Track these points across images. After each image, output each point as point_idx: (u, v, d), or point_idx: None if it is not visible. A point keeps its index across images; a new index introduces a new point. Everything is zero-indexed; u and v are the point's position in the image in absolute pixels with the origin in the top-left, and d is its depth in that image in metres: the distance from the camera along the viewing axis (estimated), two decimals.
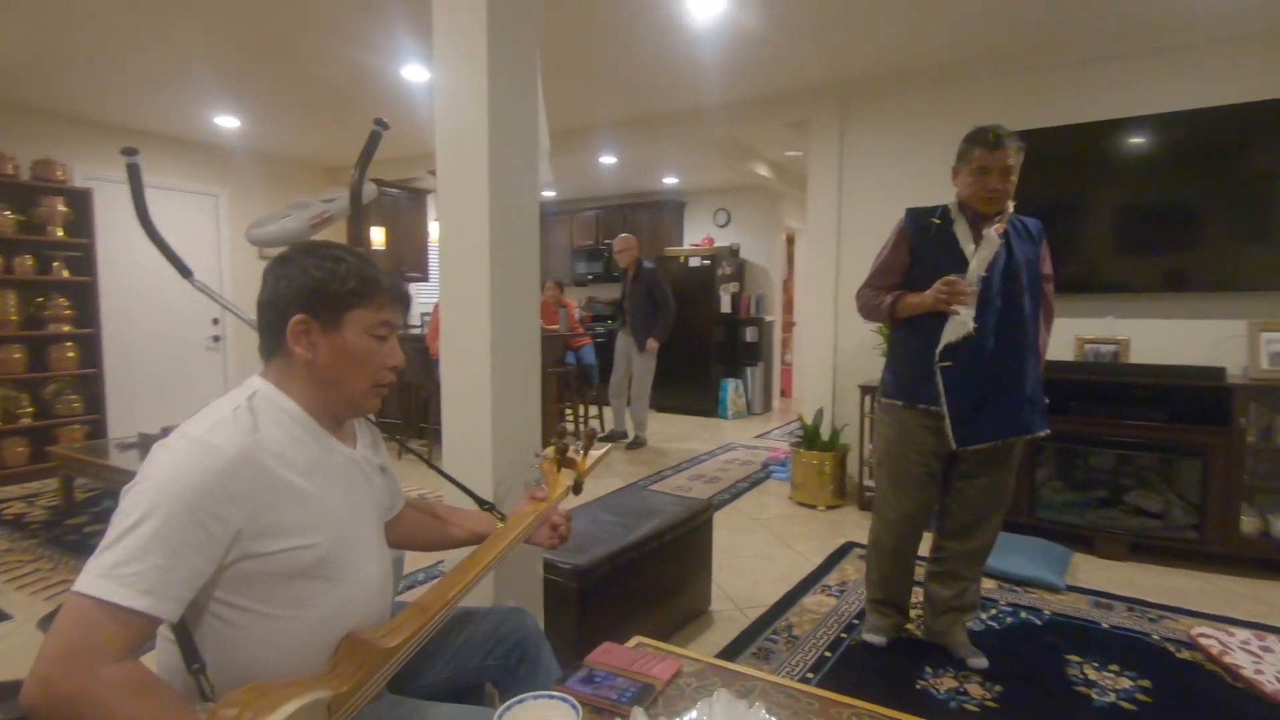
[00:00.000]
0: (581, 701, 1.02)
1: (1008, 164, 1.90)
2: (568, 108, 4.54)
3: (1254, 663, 2.08)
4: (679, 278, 6.94)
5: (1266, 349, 2.96)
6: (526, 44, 1.71)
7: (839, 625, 2.42)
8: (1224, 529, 2.90)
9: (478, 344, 1.63)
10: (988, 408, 1.96)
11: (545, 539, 1.41)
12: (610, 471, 4.65)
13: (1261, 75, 3.02)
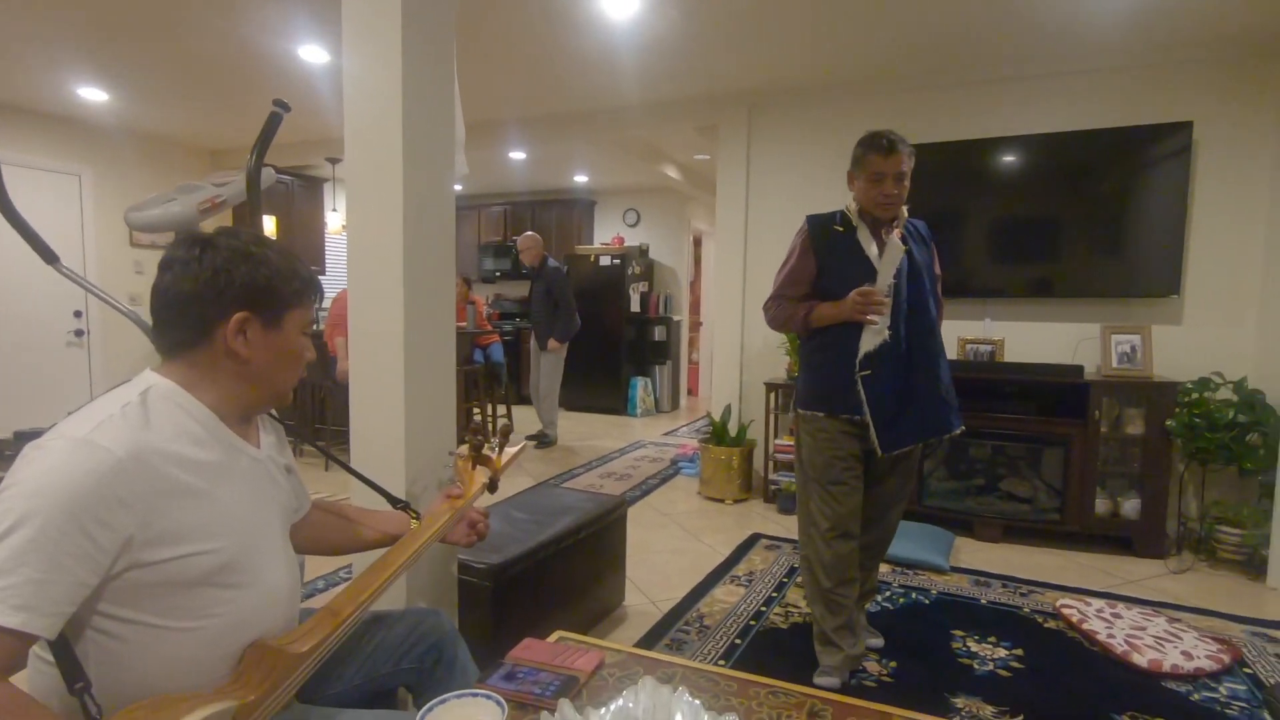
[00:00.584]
0: (505, 698, 1.01)
1: (901, 169, 1.92)
2: (477, 101, 4.45)
3: (1106, 628, 2.34)
4: (589, 276, 6.95)
5: (1116, 349, 3.32)
6: (442, 30, 1.67)
7: (748, 613, 2.51)
8: (1081, 511, 3.23)
9: (390, 339, 1.57)
10: (908, 412, 1.98)
11: (463, 537, 1.39)
12: (520, 471, 4.59)
13: (1115, 104, 3.39)
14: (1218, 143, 3.25)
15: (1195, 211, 3.31)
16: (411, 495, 1.58)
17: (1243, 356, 3.24)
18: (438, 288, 1.68)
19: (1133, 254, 3.38)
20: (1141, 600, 2.66)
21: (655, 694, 0.98)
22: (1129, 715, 1.90)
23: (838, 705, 1.05)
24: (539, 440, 5.35)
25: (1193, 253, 3.32)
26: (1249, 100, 3.18)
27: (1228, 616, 2.55)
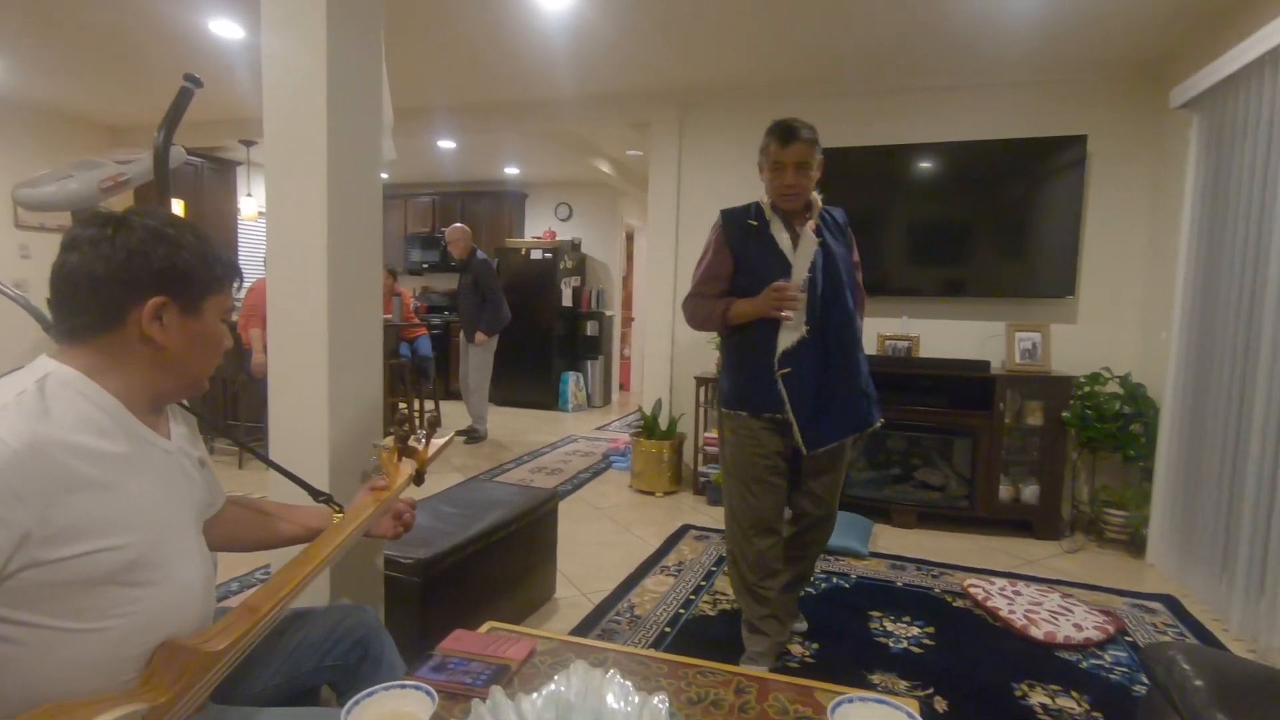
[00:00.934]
0: (435, 689, 1.01)
1: (801, 159, 1.86)
2: (405, 86, 4.31)
3: (1008, 604, 2.51)
4: (520, 270, 6.87)
5: (1019, 346, 3.56)
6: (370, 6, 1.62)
7: (677, 602, 2.56)
8: (987, 497, 3.44)
9: (313, 330, 1.52)
10: (829, 408, 1.95)
11: (389, 529, 1.36)
12: (449, 466, 4.50)
13: (1020, 116, 3.62)
14: (1108, 155, 3.52)
15: (1088, 219, 3.57)
16: (335, 489, 1.54)
17: (1128, 353, 3.52)
18: (363, 275, 1.63)
19: (1034, 257, 3.62)
20: (1038, 579, 2.86)
21: (587, 677, 0.99)
22: (1026, 683, 2.05)
23: (763, 682, 1.10)
24: (469, 436, 5.26)
25: (1086, 257, 3.59)
26: (1135, 116, 3.45)
27: (1112, 591, 2.78)
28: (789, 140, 1.86)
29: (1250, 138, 2.51)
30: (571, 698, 0.97)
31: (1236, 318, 2.55)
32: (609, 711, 0.95)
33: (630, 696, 0.95)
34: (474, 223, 7.20)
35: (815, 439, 1.95)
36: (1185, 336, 2.94)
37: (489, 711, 0.93)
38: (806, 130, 1.88)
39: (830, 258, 1.95)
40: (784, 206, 1.95)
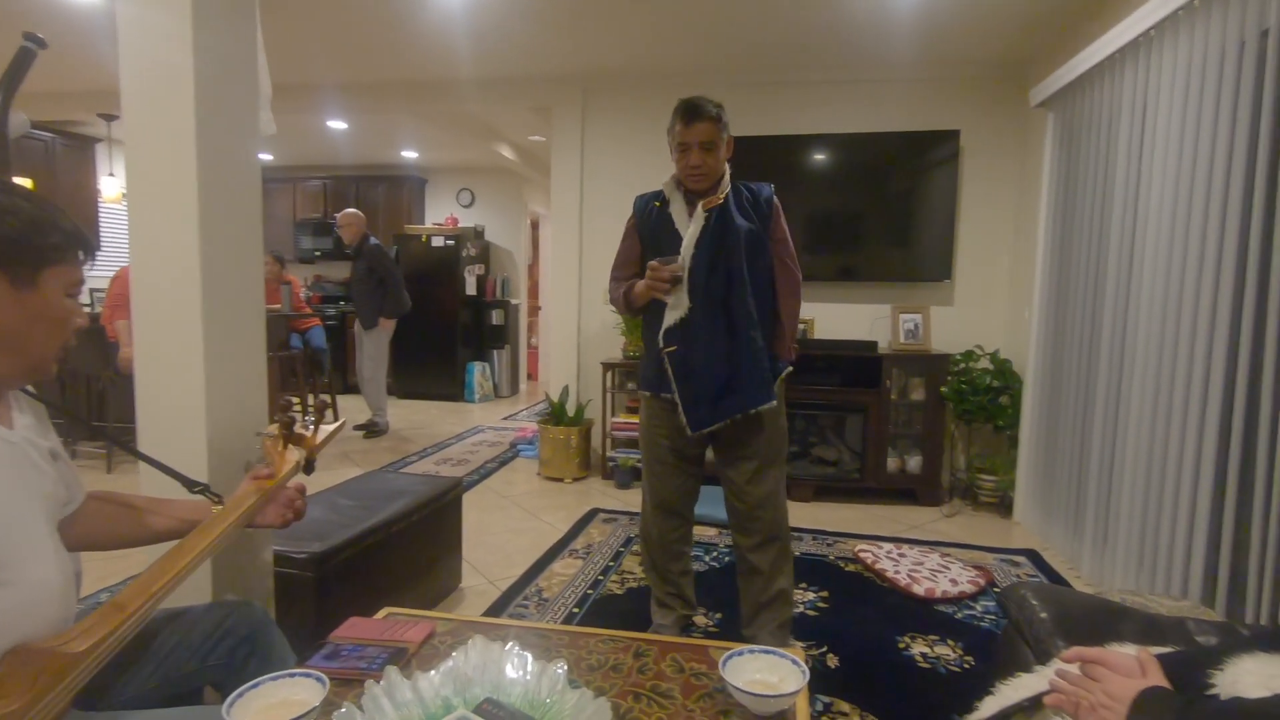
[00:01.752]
0: (329, 675, 0.98)
1: (706, 138, 1.84)
2: (289, 61, 4.06)
3: (894, 566, 2.69)
4: (421, 257, 6.65)
5: (902, 327, 3.80)
6: None
7: (585, 583, 2.58)
8: (876, 469, 3.67)
9: (186, 316, 1.42)
10: (714, 388, 1.91)
11: (276, 518, 1.30)
12: (348, 462, 4.32)
13: (904, 111, 3.84)
14: (979, 149, 3.80)
15: (962, 208, 3.86)
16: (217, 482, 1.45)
17: (998, 331, 3.84)
18: (242, 256, 1.54)
19: (916, 244, 3.87)
20: (921, 541, 3.08)
21: (485, 651, 0.99)
22: (909, 635, 2.22)
23: (661, 644, 1.14)
24: (368, 429, 5.06)
25: (961, 243, 3.87)
26: (1002, 113, 3.75)
27: (984, 549, 3.04)
28: (693, 119, 1.84)
29: (1095, 133, 2.79)
30: (470, 672, 0.97)
31: (1084, 297, 2.84)
32: (508, 682, 0.96)
33: (528, 666, 0.97)
34: (370, 208, 6.91)
35: (697, 419, 1.92)
36: (1044, 315, 3.24)
37: (383, 692, 0.92)
38: (712, 108, 1.85)
39: (726, 235, 1.89)
40: (690, 187, 1.93)
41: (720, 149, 1.89)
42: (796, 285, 2.01)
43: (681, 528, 2.10)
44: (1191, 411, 2.11)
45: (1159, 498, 2.26)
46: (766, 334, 1.96)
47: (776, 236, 1.98)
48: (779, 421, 2.00)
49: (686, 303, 1.91)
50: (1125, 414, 2.46)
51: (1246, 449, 1.93)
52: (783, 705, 0.94)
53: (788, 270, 1.99)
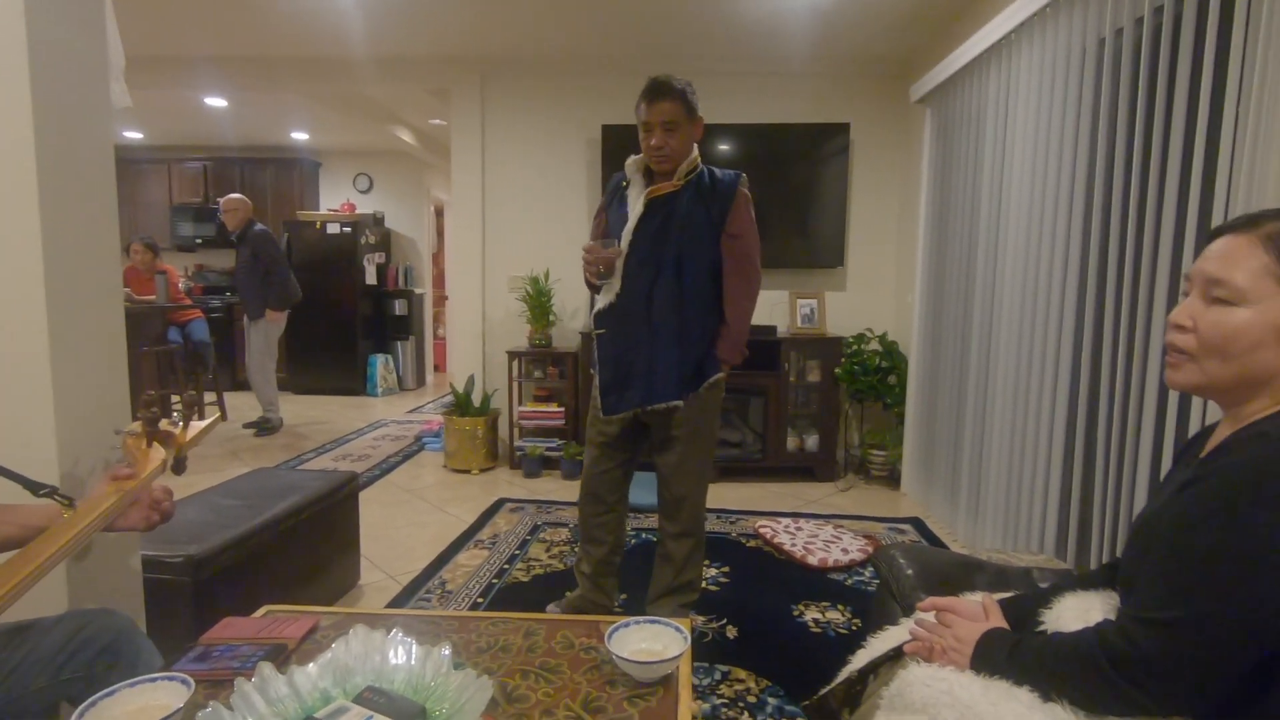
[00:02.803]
0: (198, 678, 0.93)
1: (669, 118, 1.79)
2: (152, 29, 3.75)
3: (791, 539, 2.82)
4: (315, 245, 6.32)
5: (800, 312, 3.96)
6: None
7: (491, 573, 2.56)
8: (777, 448, 3.82)
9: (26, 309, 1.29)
10: (634, 375, 1.91)
11: (139, 520, 1.22)
12: (238, 461, 4.08)
13: (802, 104, 3.98)
14: (867, 141, 4.00)
15: (853, 198, 4.05)
16: (69, 484, 1.34)
17: (887, 314, 4.07)
18: (95, 242, 1.42)
19: (812, 232, 4.04)
20: (817, 515, 3.24)
21: (367, 640, 0.97)
22: (803, 603, 2.33)
23: (550, 623, 1.15)
24: (259, 427, 4.78)
25: (852, 231, 4.07)
26: (888, 108, 3.95)
27: (874, 519, 3.23)
28: (656, 98, 1.78)
29: (967, 129, 3.00)
30: (350, 662, 0.95)
31: (959, 282, 3.05)
32: (390, 668, 0.95)
33: (412, 651, 0.96)
34: (258, 193, 6.50)
35: (611, 404, 1.95)
36: (924, 299, 3.46)
37: (255, 689, 0.88)
38: (678, 86, 1.80)
39: (669, 227, 1.86)
40: (653, 168, 1.88)
41: (684, 130, 1.83)
42: (749, 284, 1.95)
43: (603, 514, 2.10)
44: (1045, 387, 2.32)
45: (1020, 465, 2.47)
46: (703, 331, 1.92)
47: (732, 230, 1.90)
48: (701, 423, 1.96)
49: (617, 288, 1.90)
50: (992, 390, 2.68)
51: (1090, 421, 2.14)
52: (665, 670, 0.98)
53: (740, 269, 1.92)
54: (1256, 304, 0.77)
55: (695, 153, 1.91)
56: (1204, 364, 0.81)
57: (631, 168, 1.95)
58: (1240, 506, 0.70)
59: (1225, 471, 0.73)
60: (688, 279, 1.88)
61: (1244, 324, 0.77)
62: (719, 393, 1.99)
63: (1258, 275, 0.77)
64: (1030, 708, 0.81)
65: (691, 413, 1.93)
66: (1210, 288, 0.81)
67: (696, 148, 1.92)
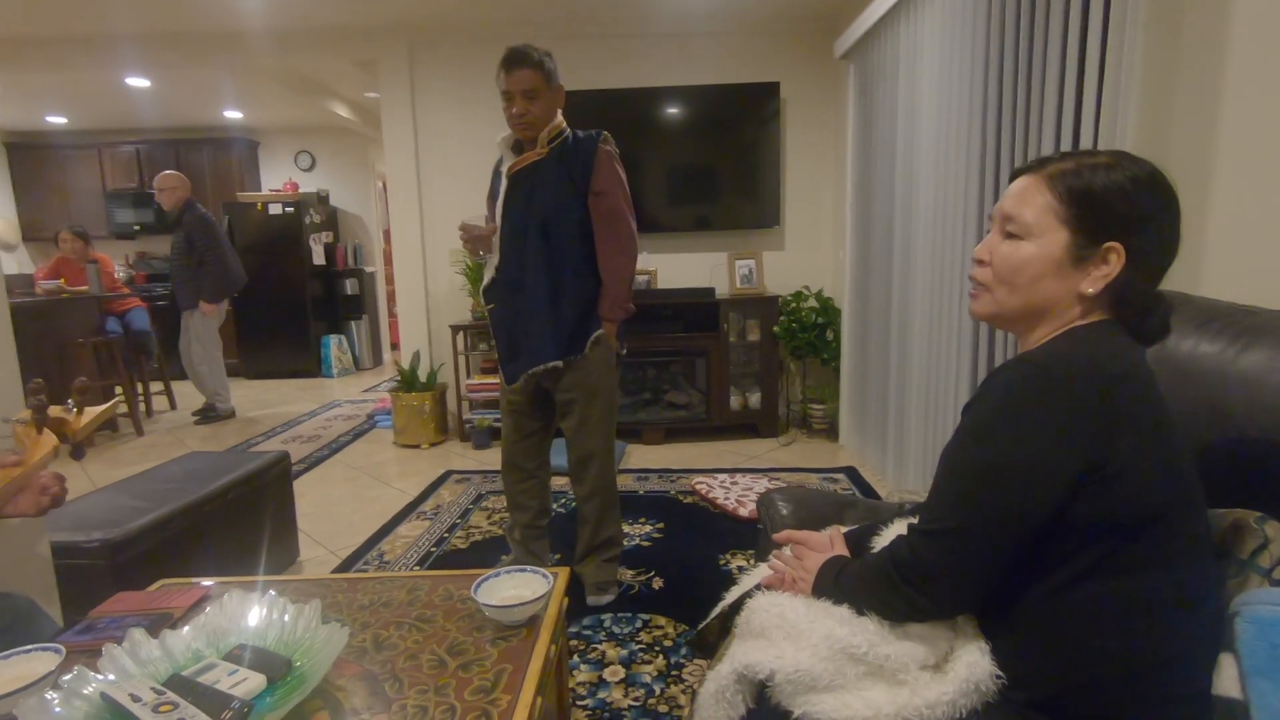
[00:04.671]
0: (79, 649, 0.98)
1: (528, 86, 1.83)
2: (68, 9, 3.61)
3: (725, 494, 2.92)
4: (258, 227, 6.20)
5: (738, 273, 4.02)
6: None
7: (430, 542, 2.62)
8: (720, 407, 3.91)
9: None
10: (523, 343, 1.98)
11: (30, 506, 1.24)
12: (182, 449, 4.05)
13: (731, 64, 3.98)
14: (798, 99, 4.02)
15: (787, 157, 4.08)
16: None
17: (824, 271, 4.14)
18: None
19: (748, 193, 4.07)
20: (755, 469, 3.35)
21: (241, 602, 1.02)
22: (730, 553, 2.43)
23: (434, 579, 1.21)
24: (205, 415, 4.74)
25: (788, 190, 4.11)
26: (816, 65, 3.96)
27: (810, 470, 3.34)
28: (514, 66, 1.82)
29: (884, 83, 3.03)
30: (225, 623, 1.00)
31: (881, 236, 3.12)
32: (263, 627, 1.00)
33: (284, 609, 1.01)
34: (196, 175, 6.32)
35: (509, 372, 2.03)
36: (853, 253, 3.53)
37: (125, 652, 0.93)
38: (535, 55, 1.83)
39: (533, 197, 1.91)
40: (518, 135, 1.91)
41: (544, 97, 1.86)
42: (621, 239, 1.96)
43: (524, 481, 2.17)
44: (953, 330, 2.41)
45: (936, 408, 2.58)
46: (580, 292, 1.95)
47: (597, 188, 1.91)
48: (595, 381, 2.01)
49: (497, 261, 1.97)
50: (909, 337, 2.77)
51: (990, 358, 2.24)
52: (526, 613, 1.04)
53: (609, 224, 1.94)
54: (1040, 238, 0.83)
55: (559, 119, 1.94)
56: (995, 293, 0.88)
57: (501, 144, 1.99)
58: (990, 424, 0.78)
59: (985, 394, 0.80)
60: (554, 242, 1.92)
61: (1028, 256, 0.83)
62: (606, 350, 2.02)
63: (1042, 211, 0.83)
64: (841, 622, 0.89)
65: (580, 373, 1.99)
66: (1005, 224, 0.87)
67: (561, 115, 1.95)
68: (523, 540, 2.22)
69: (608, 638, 1.92)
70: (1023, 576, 0.79)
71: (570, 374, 1.99)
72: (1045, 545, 0.77)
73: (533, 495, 2.19)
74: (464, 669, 0.94)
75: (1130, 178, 0.79)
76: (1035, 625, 0.80)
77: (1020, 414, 0.76)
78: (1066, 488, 0.74)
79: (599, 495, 2.11)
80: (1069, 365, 0.76)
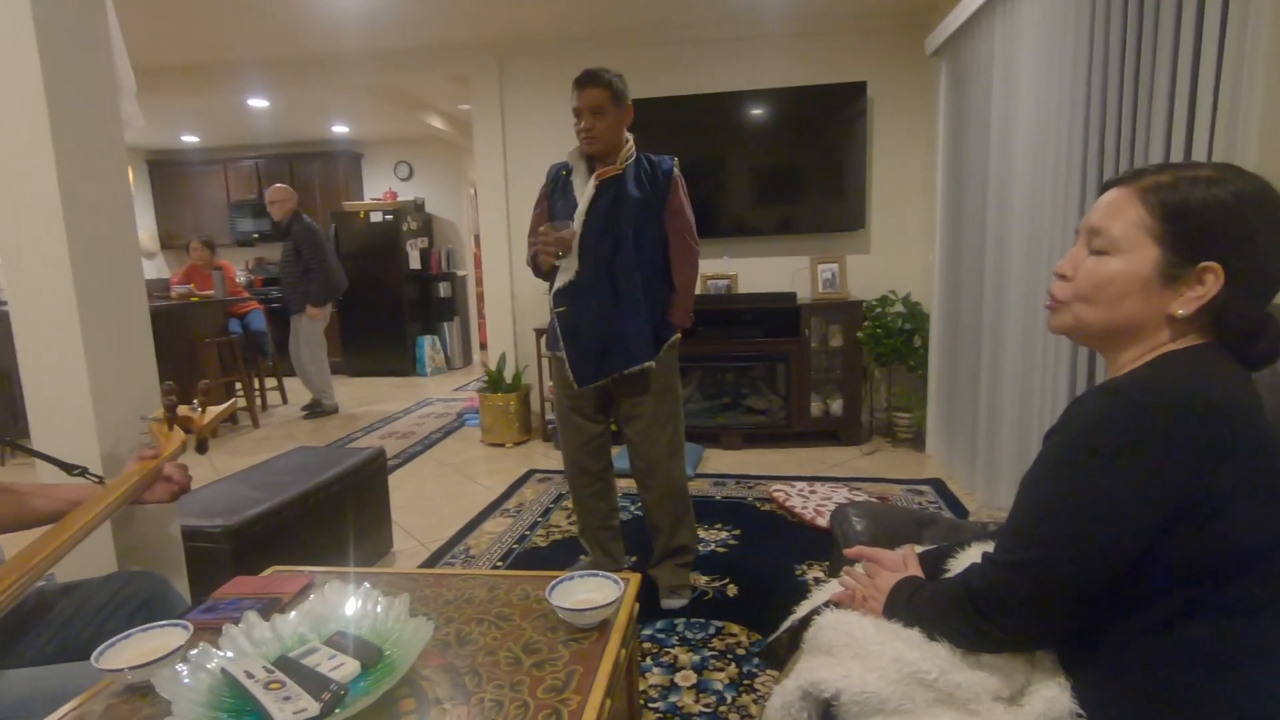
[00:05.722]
0: (202, 627, 1.09)
1: (594, 104, 1.92)
2: (201, 40, 3.99)
3: (803, 502, 2.88)
4: (361, 234, 6.60)
5: (821, 277, 3.94)
6: None
7: (512, 538, 2.73)
8: (800, 414, 3.85)
9: (59, 315, 1.48)
10: (597, 347, 2.03)
11: (164, 494, 1.40)
12: (294, 441, 4.38)
13: (813, 65, 3.91)
14: (886, 99, 3.91)
15: (874, 158, 3.97)
16: (111, 469, 1.53)
17: (912, 275, 4.00)
18: (115, 248, 1.59)
19: (832, 195, 3.99)
20: (836, 478, 3.28)
21: (340, 593, 1.11)
22: (807, 563, 2.40)
23: (511, 579, 1.27)
24: (312, 410, 5.10)
25: (874, 193, 4.00)
26: (906, 63, 3.84)
27: (892, 481, 3.24)
28: (585, 85, 1.93)
29: (980, 79, 2.90)
30: (325, 611, 1.09)
31: (973, 238, 2.99)
32: (359, 616, 1.09)
33: (376, 599, 1.09)
34: (306, 186, 6.82)
35: (581, 375, 2.07)
36: (943, 257, 3.40)
37: (241, 632, 1.03)
38: (605, 76, 1.93)
39: (618, 205, 2.00)
40: (585, 151, 2.02)
41: (611, 115, 1.96)
42: (691, 255, 2.10)
43: (593, 485, 2.22)
44: (1058, 339, 2.28)
45: (1030, 421, 2.45)
46: (656, 300, 2.08)
47: (672, 208, 2.05)
48: (667, 383, 2.10)
49: (575, 266, 2.02)
50: (1004, 346, 2.64)
51: (1091, 372, 2.11)
52: (597, 617, 1.08)
53: (682, 241, 2.08)
54: (1127, 253, 0.79)
55: (630, 142, 2.04)
56: (1075, 308, 0.84)
57: (573, 156, 2.08)
58: (1071, 456, 0.75)
59: (1066, 424, 0.77)
60: (643, 250, 2.03)
61: (1113, 272, 0.80)
62: (676, 355, 2.13)
63: (1132, 226, 0.79)
64: (910, 645, 0.87)
65: (656, 374, 2.08)
66: (1091, 238, 0.83)
67: (631, 138, 2.04)
68: (596, 541, 2.28)
69: (680, 642, 1.95)
70: (1109, 614, 0.76)
71: (648, 376, 2.06)
72: (1134, 583, 0.74)
73: (602, 497, 2.25)
74: (538, 667, 0.99)
75: (1234, 193, 0.74)
76: (1121, 666, 0.76)
77: (1103, 447, 0.73)
78: (1155, 526, 0.70)
79: (669, 500, 2.15)
80: (1157, 395, 0.72)
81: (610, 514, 2.27)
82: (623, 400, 2.11)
